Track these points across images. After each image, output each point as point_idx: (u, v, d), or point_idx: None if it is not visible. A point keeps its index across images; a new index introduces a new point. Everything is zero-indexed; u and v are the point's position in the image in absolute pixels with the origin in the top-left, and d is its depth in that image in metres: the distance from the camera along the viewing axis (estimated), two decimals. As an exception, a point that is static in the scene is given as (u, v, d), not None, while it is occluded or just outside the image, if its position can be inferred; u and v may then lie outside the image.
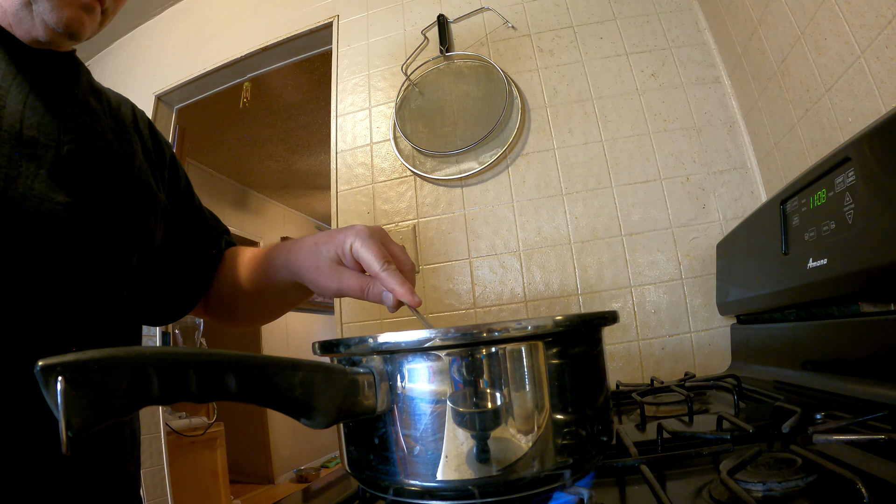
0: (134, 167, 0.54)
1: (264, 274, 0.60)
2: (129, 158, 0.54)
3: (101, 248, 0.48)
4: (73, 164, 0.46)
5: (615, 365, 1.13)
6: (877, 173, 0.48)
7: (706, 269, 1.13)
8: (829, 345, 0.63)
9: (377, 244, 0.47)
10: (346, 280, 0.48)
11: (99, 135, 0.50)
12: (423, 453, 0.33)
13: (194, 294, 0.65)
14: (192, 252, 0.64)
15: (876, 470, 0.36)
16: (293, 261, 0.54)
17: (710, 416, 0.63)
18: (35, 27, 0.46)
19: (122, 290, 0.50)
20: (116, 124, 0.55)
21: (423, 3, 1.47)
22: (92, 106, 0.52)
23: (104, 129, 0.52)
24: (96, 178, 0.48)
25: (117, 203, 0.50)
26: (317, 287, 0.52)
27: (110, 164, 0.50)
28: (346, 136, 1.43)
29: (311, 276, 0.51)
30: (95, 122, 0.51)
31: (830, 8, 0.76)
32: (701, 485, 0.40)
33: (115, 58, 2.07)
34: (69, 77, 0.52)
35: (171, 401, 0.27)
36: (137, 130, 0.59)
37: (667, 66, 1.26)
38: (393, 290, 0.45)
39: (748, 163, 1.16)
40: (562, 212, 1.22)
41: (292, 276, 0.54)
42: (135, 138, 0.57)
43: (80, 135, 0.48)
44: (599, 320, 0.38)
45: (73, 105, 0.49)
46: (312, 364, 0.31)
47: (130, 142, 0.55)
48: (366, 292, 0.47)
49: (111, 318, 0.48)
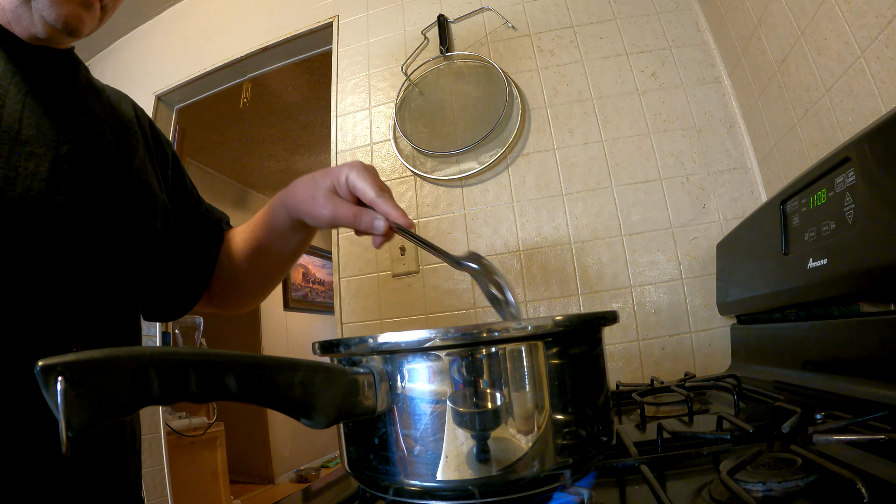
0: (133, 166, 0.54)
1: (262, 223, 0.61)
2: (129, 158, 0.54)
3: (101, 248, 0.48)
4: (72, 164, 0.46)
5: (615, 365, 1.13)
6: (877, 173, 0.48)
7: (706, 269, 1.13)
8: (829, 345, 0.63)
9: (372, 175, 0.51)
10: (341, 208, 0.51)
11: (97, 134, 0.50)
12: (423, 453, 0.33)
13: (197, 289, 0.66)
14: (194, 248, 0.65)
15: (876, 470, 0.36)
16: (290, 196, 0.56)
17: (710, 416, 0.63)
18: (34, 24, 0.46)
19: (122, 290, 0.50)
20: (116, 122, 0.55)
21: (423, 3, 1.47)
22: (90, 105, 0.52)
23: (103, 129, 0.52)
24: (95, 177, 0.48)
25: (116, 203, 0.50)
26: (312, 217, 0.53)
27: (109, 163, 0.50)
28: (347, 136, 1.43)
29: (307, 208, 0.53)
30: (94, 122, 0.51)
31: (830, 8, 0.76)
32: (701, 485, 0.40)
33: (115, 58, 2.07)
34: (67, 76, 0.52)
35: (171, 401, 0.27)
36: (139, 128, 0.59)
37: (667, 66, 1.26)
38: (388, 213, 0.49)
39: (748, 163, 1.16)
40: (562, 212, 1.22)
41: (290, 213, 0.56)
42: (135, 136, 0.57)
43: (79, 135, 0.48)
44: (599, 320, 0.38)
45: (71, 104, 0.49)
46: (312, 364, 0.31)
47: (130, 140, 0.55)
48: (358, 220, 0.50)
49: (111, 318, 0.48)
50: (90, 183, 0.47)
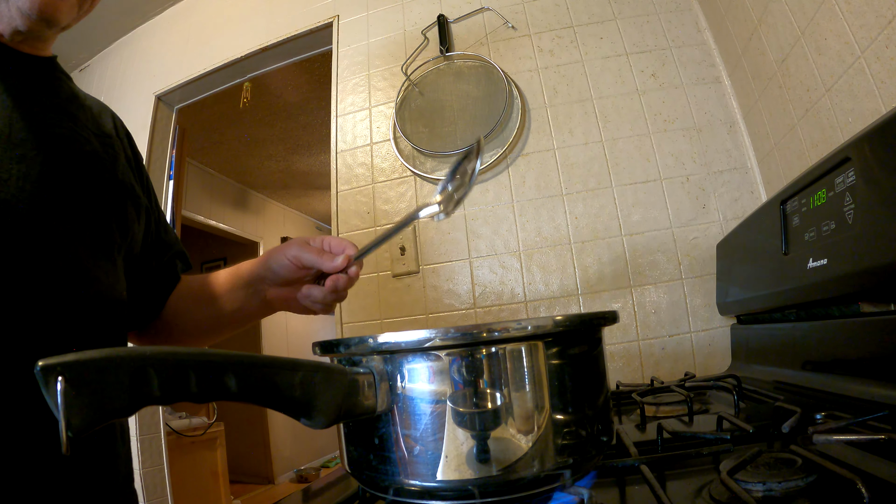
0: (118, 170, 0.56)
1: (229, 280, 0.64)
2: (113, 162, 0.55)
3: (94, 247, 0.49)
4: (62, 167, 0.47)
5: (615, 365, 1.13)
6: (877, 173, 0.48)
7: (706, 269, 1.13)
8: (829, 345, 0.63)
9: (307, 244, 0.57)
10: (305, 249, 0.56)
11: (84, 139, 0.52)
12: (423, 453, 0.33)
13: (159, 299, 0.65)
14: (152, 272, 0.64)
15: (876, 470, 0.36)
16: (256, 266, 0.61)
17: (710, 416, 0.63)
18: (13, 17, 0.47)
19: (114, 291, 0.51)
20: (98, 131, 0.56)
21: (423, 3, 1.47)
22: (74, 112, 0.53)
23: (88, 135, 0.53)
24: (85, 179, 0.50)
25: (106, 203, 0.52)
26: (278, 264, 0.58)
27: (97, 166, 0.52)
28: (346, 136, 1.43)
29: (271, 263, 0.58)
30: (79, 128, 0.52)
31: (830, 8, 0.76)
32: (701, 485, 0.40)
33: (115, 58, 2.07)
34: (51, 84, 0.53)
35: (172, 401, 0.27)
36: (118, 139, 0.61)
37: (667, 66, 1.26)
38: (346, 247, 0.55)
39: (748, 163, 1.16)
40: (562, 212, 1.22)
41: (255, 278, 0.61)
42: (116, 145, 0.59)
43: (66, 139, 0.49)
44: (599, 320, 0.38)
45: (57, 111, 0.51)
46: (312, 364, 0.31)
47: (113, 147, 0.57)
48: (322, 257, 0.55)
49: (104, 319, 0.49)
50: (80, 184, 0.49)
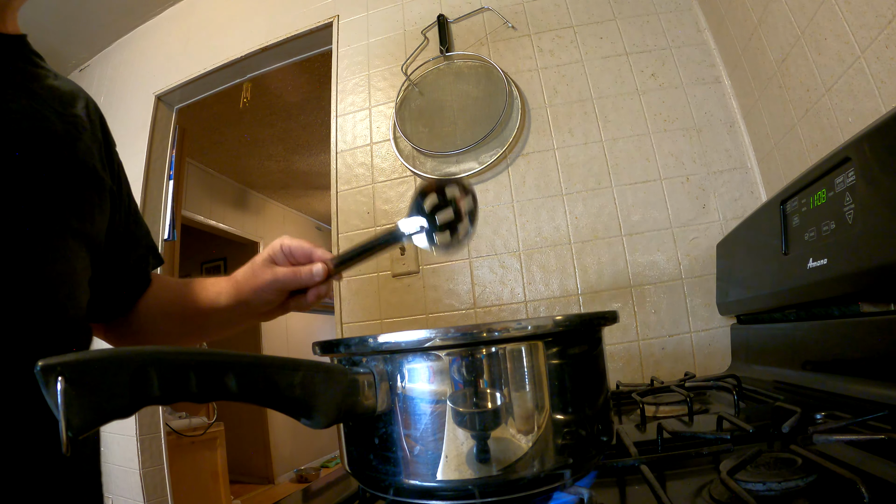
0: (77, 149, 0.53)
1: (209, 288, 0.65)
2: (73, 141, 0.53)
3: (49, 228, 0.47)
4: (10, 142, 0.46)
5: (615, 365, 1.13)
6: (877, 173, 0.48)
7: (706, 269, 1.13)
8: (829, 345, 0.63)
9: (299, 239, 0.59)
10: (279, 270, 0.58)
11: (43, 117, 0.50)
12: (424, 453, 0.33)
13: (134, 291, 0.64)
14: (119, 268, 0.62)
15: (876, 470, 0.36)
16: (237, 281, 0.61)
17: (710, 416, 0.63)
18: None
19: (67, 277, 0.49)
20: (62, 108, 0.54)
21: (423, 3, 1.47)
22: (33, 89, 0.52)
23: (49, 112, 0.52)
24: (36, 157, 0.48)
25: (58, 184, 0.49)
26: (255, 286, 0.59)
27: (52, 144, 0.50)
28: (346, 136, 1.43)
29: (251, 284, 0.60)
30: (37, 104, 0.51)
31: (830, 8, 0.76)
32: (701, 485, 0.40)
33: (115, 58, 2.07)
34: (10, 62, 0.52)
35: (172, 401, 0.27)
36: (88, 121, 0.58)
37: (667, 66, 1.26)
38: (323, 256, 0.58)
39: (748, 163, 1.16)
40: (562, 212, 1.22)
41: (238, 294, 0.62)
42: (81, 125, 0.56)
43: (20, 114, 0.48)
44: (599, 320, 0.38)
45: (14, 87, 0.50)
46: (312, 364, 0.31)
47: (77, 126, 0.55)
48: (298, 274, 0.57)
49: (51, 307, 0.47)
50: (31, 161, 0.47)
